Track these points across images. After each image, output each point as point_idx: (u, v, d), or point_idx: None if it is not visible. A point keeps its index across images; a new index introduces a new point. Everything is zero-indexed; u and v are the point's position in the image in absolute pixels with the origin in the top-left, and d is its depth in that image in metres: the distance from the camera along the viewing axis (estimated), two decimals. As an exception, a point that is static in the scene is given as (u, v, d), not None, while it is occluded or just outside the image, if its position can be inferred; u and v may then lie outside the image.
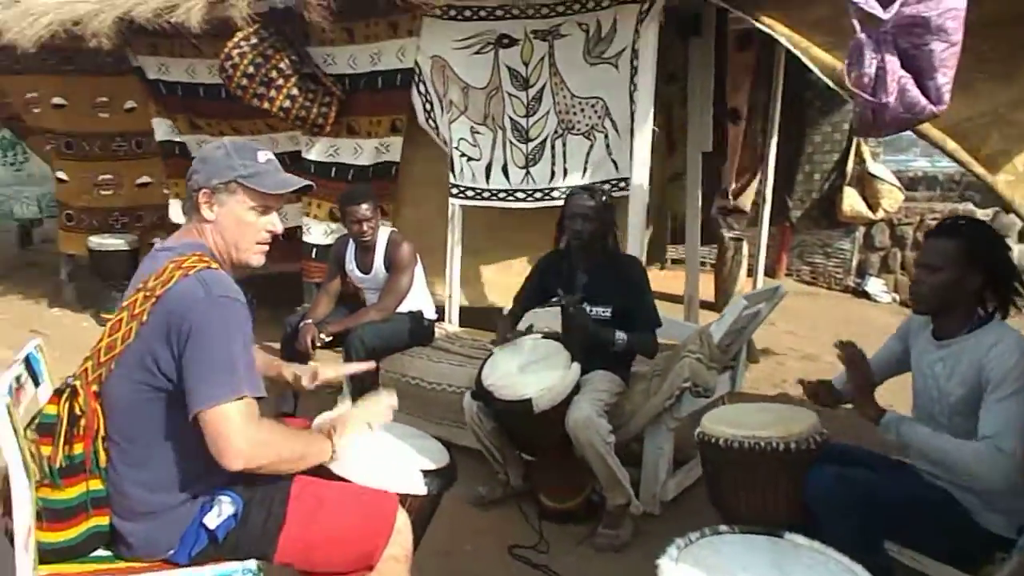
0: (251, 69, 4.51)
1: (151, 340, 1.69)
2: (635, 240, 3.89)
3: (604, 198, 3.29)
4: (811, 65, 2.95)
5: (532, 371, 2.97)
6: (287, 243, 5.67)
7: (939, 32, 2.11)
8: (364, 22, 4.66)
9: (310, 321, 3.75)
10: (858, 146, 6.35)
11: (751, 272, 6.90)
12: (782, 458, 2.19)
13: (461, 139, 4.49)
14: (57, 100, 6.06)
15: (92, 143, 6.12)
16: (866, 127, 2.36)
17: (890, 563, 2.17)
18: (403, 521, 1.88)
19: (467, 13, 4.29)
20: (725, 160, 5.94)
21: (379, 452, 2.04)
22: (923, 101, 2.22)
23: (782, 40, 3.14)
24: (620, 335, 3.08)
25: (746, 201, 6.34)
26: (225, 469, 1.66)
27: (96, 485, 1.75)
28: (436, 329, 4.18)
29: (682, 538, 1.67)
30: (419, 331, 3.97)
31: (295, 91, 4.59)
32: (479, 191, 4.50)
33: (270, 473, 1.75)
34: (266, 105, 4.60)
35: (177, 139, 5.58)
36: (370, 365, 2.44)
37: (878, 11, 2.16)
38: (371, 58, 4.73)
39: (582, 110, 4.17)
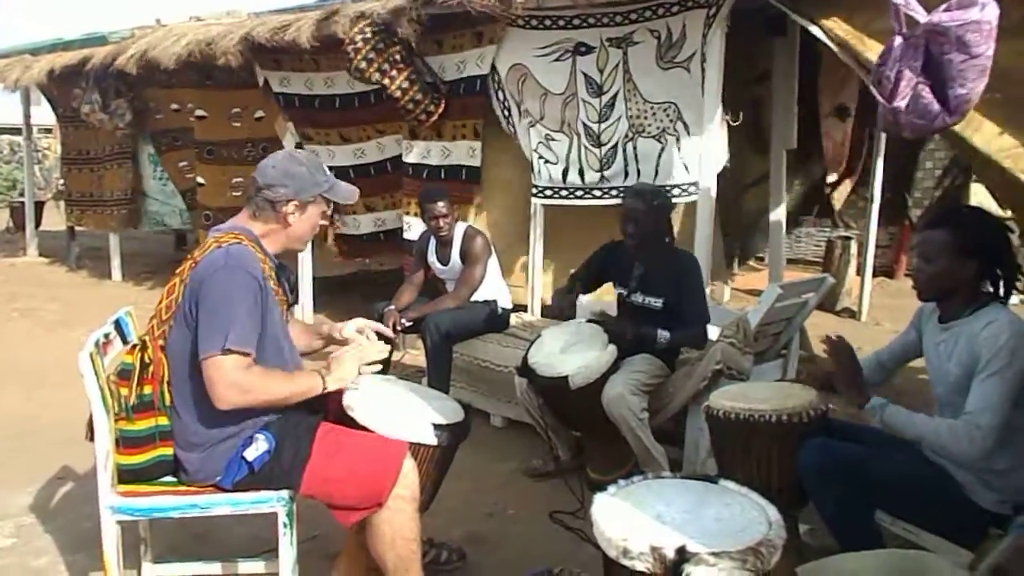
0: (371, 55, 4.87)
1: (188, 298, 2.09)
2: (702, 242, 3.99)
3: (655, 201, 3.35)
4: (860, 73, 3.01)
5: (572, 351, 3.21)
6: (392, 242, 6.20)
7: (959, 44, 2.16)
8: (452, 33, 5.02)
9: (393, 307, 4.13)
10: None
11: (860, 271, 6.77)
12: (775, 430, 2.33)
13: (539, 144, 4.75)
14: (199, 112, 6.86)
15: (228, 149, 6.88)
16: (888, 126, 2.44)
17: (877, 532, 2.25)
18: (410, 466, 2.16)
19: (547, 22, 4.56)
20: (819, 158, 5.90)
21: (397, 405, 2.36)
22: (936, 109, 2.27)
23: (833, 47, 3.22)
24: (663, 334, 3.22)
25: (839, 198, 6.25)
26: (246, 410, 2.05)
27: (163, 421, 2.16)
28: (512, 318, 4.47)
29: (625, 479, 1.88)
30: (493, 319, 4.27)
31: (406, 83, 4.96)
32: (557, 190, 4.76)
33: (262, 407, 2.12)
34: (386, 82, 4.93)
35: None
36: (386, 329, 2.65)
37: (918, 13, 2.22)
38: (457, 66, 5.08)
39: (654, 114, 4.32)
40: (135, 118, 7.50)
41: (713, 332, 3.59)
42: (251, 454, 2.12)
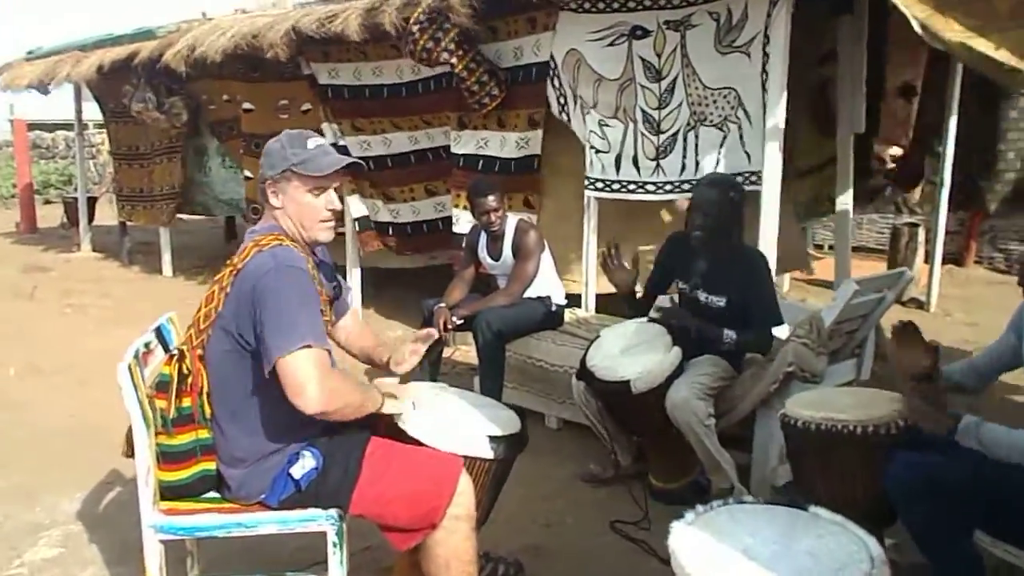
0: (439, 34, 4.71)
1: (233, 307, 1.97)
2: (767, 234, 3.78)
3: (732, 193, 3.15)
4: (940, 46, 2.76)
5: (633, 353, 3.03)
6: (441, 234, 6.10)
7: None
8: (504, 19, 4.86)
9: (443, 305, 4.00)
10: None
11: (928, 259, 6.46)
12: (858, 442, 2.13)
13: (591, 132, 4.57)
14: (247, 105, 6.81)
15: (276, 142, 6.80)
16: None
17: (976, 554, 2.04)
18: (466, 483, 2.02)
19: (601, 5, 4.36)
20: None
21: (450, 416, 2.22)
22: None
23: (911, 19, 2.97)
24: (729, 334, 3.02)
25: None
26: (306, 421, 1.90)
27: (204, 434, 2.05)
28: (566, 314, 4.31)
29: (704, 505, 1.71)
30: (547, 315, 4.11)
31: (472, 64, 4.81)
32: (609, 183, 4.56)
33: (337, 419, 1.96)
34: (454, 60, 4.77)
35: (340, 143, 6.08)
36: (431, 331, 2.52)
37: None
38: (513, 53, 4.92)
39: (714, 101, 4.09)
40: (190, 115, 7.49)
41: (781, 331, 3.39)
42: (298, 471, 2.01)
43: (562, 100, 4.72)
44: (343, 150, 6.01)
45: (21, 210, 11.89)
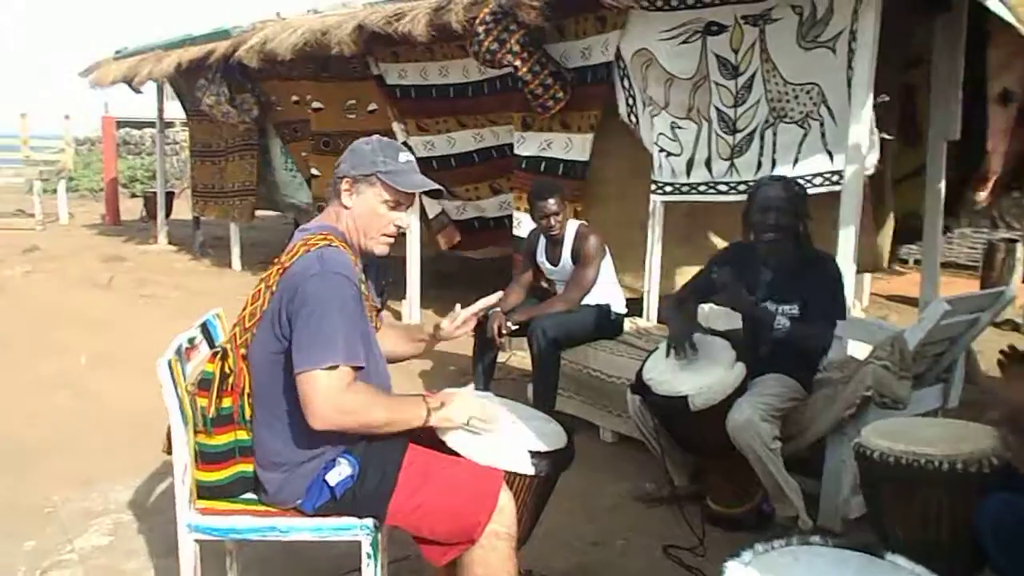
0: (504, 35, 4.62)
1: (277, 307, 1.89)
2: (846, 239, 3.54)
3: (796, 188, 3.06)
4: None
5: (693, 368, 2.86)
6: (499, 231, 6.03)
7: None
8: (574, 19, 4.74)
9: (498, 310, 3.88)
10: None
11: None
12: (944, 479, 1.93)
13: (660, 134, 4.41)
14: (316, 104, 6.86)
15: (344, 140, 6.82)
16: None
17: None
18: (506, 499, 1.91)
19: (674, 2, 4.19)
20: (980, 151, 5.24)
21: (493, 428, 2.09)
22: None
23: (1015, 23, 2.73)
24: (782, 320, 2.86)
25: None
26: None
27: (243, 435, 1.99)
28: (626, 323, 4.14)
29: (763, 542, 1.53)
30: (605, 324, 3.96)
31: (537, 66, 4.70)
32: (679, 186, 4.39)
33: (357, 432, 1.90)
34: (518, 63, 4.66)
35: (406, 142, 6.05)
36: (486, 302, 2.42)
37: None
38: (581, 53, 4.79)
39: (795, 96, 3.89)
40: (260, 112, 7.62)
41: (856, 348, 3.16)
42: (333, 478, 1.92)
43: (631, 101, 4.57)
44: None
45: (106, 203, 12.33)
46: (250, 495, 2.05)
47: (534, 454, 2.01)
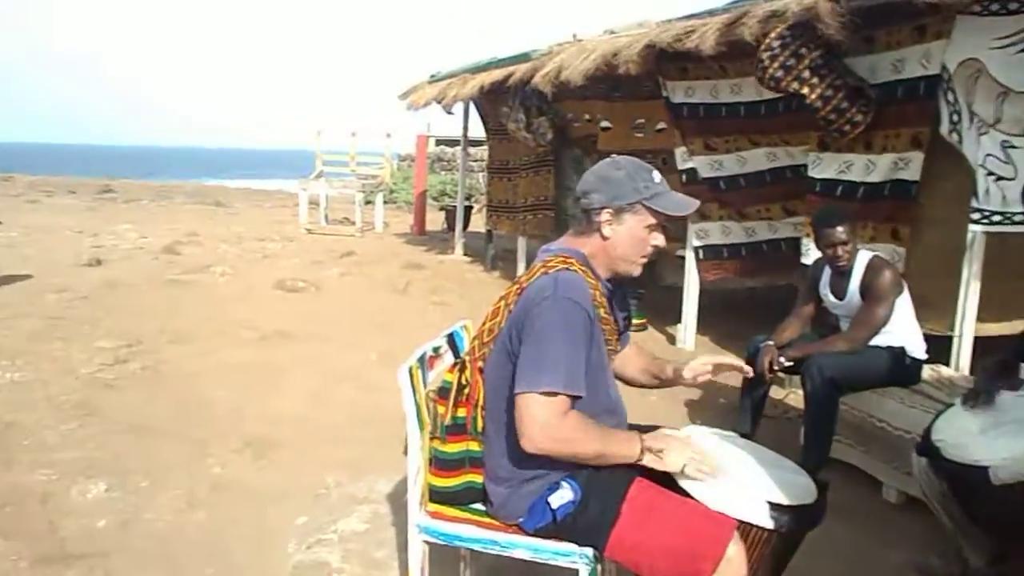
0: (790, 61, 4.35)
1: (511, 325, 1.90)
2: None
3: None
4: None
5: (999, 432, 2.36)
6: (781, 257, 5.62)
7: None
8: (886, 28, 4.29)
9: (771, 343, 3.58)
10: None
11: None
12: None
13: (988, 155, 3.80)
14: (604, 123, 6.94)
15: (632, 159, 6.88)
16: None
17: None
18: (736, 551, 1.72)
19: (1012, 6, 3.63)
20: None
21: (730, 471, 1.88)
22: None
23: None
24: None
25: None
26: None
27: (474, 446, 2.02)
28: (925, 370, 3.62)
29: None
30: (897, 369, 3.49)
31: (829, 91, 4.36)
32: (1009, 215, 3.76)
33: (567, 460, 1.85)
34: (805, 91, 4.38)
35: (687, 166, 5.87)
36: (740, 364, 2.25)
37: None
38: (893, 66, 4.33)
39: None
40: (555, 134, 7.88)
41: None
42: (555, 501, 1.88)
43: (955, 118, 3.99)
44: (691, 173, 5.81)
45: (414, 214, 13.55)
46: (478, 505, 2.07)
47: (774, 506, 1.78)
